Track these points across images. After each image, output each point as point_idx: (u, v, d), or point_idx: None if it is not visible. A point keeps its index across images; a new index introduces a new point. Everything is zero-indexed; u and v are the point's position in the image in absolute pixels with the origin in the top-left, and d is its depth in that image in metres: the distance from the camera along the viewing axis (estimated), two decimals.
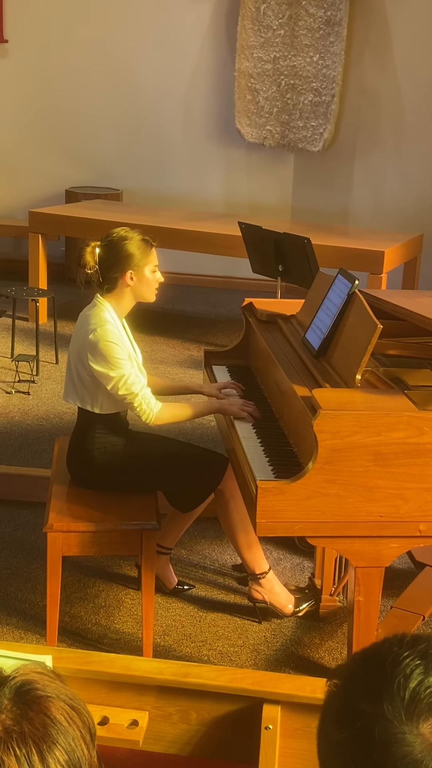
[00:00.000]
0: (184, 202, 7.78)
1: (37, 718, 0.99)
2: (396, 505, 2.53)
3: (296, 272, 5.42)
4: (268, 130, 7.61)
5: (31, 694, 1.01)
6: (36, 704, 1.00)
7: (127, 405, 3.12)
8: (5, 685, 1.01)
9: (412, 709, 0.96)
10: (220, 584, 3.58)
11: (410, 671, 0.99)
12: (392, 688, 0.98)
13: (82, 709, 1.03)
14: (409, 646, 1.02)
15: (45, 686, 1.02)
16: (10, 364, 5.68)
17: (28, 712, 0.99)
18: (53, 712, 1.00)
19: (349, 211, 7.63)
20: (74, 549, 3.04)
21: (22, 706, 0.99)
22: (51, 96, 7.93)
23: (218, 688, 1.68)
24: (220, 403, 3.20)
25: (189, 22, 7.62)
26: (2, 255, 8.01)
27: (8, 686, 1.01)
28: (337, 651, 3.19)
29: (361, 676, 1.02)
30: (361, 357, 2.68)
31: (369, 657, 1.04)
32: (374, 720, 0.97)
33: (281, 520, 2.52)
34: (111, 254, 3.14)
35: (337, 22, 7.18)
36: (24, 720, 0.98)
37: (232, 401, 3.19)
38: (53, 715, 1.00)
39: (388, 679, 0.99)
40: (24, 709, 0.99)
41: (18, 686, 1.01)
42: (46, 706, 1.00)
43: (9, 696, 1.00)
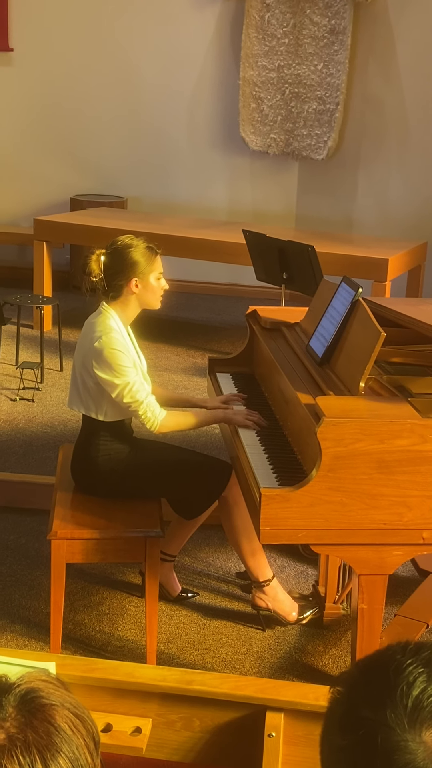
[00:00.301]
0: (188, 210, 7.79)
1: (41, 726, 0.99)
2: (400, 512, 2.53)
3: (300, 280, 5.43)
4: (272, 138, 7.62)
5: (36, 702, 1.01)
6: (40, 712, 1.00)
7: (132, 413, 3.13)
8: (10, 693, 1.01)
9: (415, 716, 0.96)
10: (224, 592, 3.58)
11: (413, 679, 0.99)
12: (395, 695, 0.98)
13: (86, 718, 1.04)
14: (412, 653, 1.02)
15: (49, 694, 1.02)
16: (15, 371, 5.69)
17: (33, 720, 0.99)
18: (57, 720, 1.00)
19: (353, 218, 7.64)
20: (78, 556, 3.05)
21: (27, 714, 1.00)
22: (56, 104, 7.96)
23: (221, 695, 1.68)
24: (224, 412, 3.20)
25: (194, 31, 7.64)
26: (7, 262, 8.04)
27: (13, 694, 1.01)
28: (340, 659, 3.19)
29: (364, 684, 1.02)
30: (364, 365, 2.68)
31: (372, 664, 1.04)
32: (377, 727, 0.97)
33: (285, 527, 2.52)
34: (116, 262, 3.15)
35: (341, 30, 7.20)
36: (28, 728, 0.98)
37: (236, 410, 3.19)
38: (57, 723, 1.00)
39: (391, 686, 0.99)
40: (28, 717, 0.99)
41: (23, 694, 1.01)
42: (51, 714, 1.00)
43: (13, 704, 1.00)
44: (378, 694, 0.99)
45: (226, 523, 3.24)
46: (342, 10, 7.16)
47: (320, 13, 7.23)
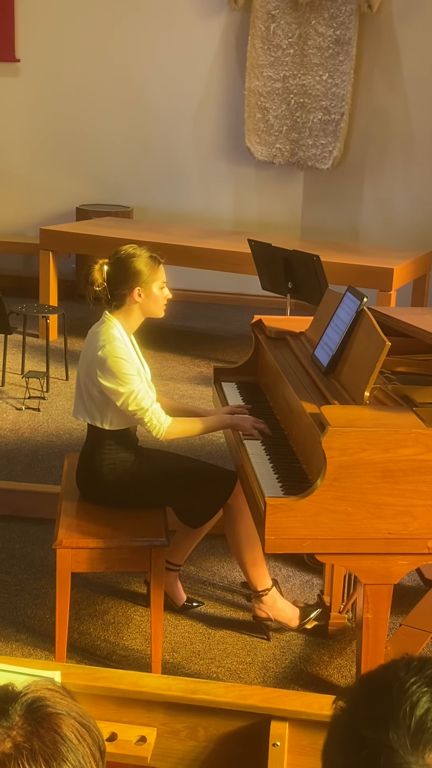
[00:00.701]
0: (194, 220, 7.81)
1: (47, 735, 0.99)
2: (405, 522, 2.53)
3: (306, 289, 5.44)
4: (277, 148, 7.65)
5: (42, 711, 1.01)
6: (47, 721, 1.00)
7: (137, 420, 3.13)
8: (16, 702, 1.01)
9: (418, 738, 0.94)
10: (229, 601, 3.58)
11: (417, 699, 0.97)
12: (398, 716, 0.96)
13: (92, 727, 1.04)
14: (416, 671, 1.00)
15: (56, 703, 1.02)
16: (21, 380, 5.71)
17: (39, 729, 0.99)
18: (63, 729, 1.00)
19: (358, 228, 7.66)
20: (83, 565, 3.05)
21: (33, 723, 1.00)
22: (62, 114, 7.99)
23: (226, 704, 1.68)
24: (231, 418, 3.20)
25: (199, 42, 7.68)
26: (13, 272, 8.06)
27: (19, 703, 1.01)
28: (346, 668, 3.19)
29: (367, 702, 1.00)
30: (369, 374, 2.69)
31: (375, 681, 1.03)
32: (379, 748, 0.95)
33: (290, 536, 2.52)
34: (119, 271, 3.16)
35: (347, 41, 7.23)
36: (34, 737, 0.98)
37: (243, 417, 3.19)
38: (63, 732, 1.00)
39: (394, 706, 0.97)
40: (35, 726, 0.99)
41: (29, 703, 1.02)
42: (57, 723, 1.00)
43: (20, 713, 1.00)
44: (381, 713, 0.97)
45: (230, 532, 3.25)
46: (347, 20, 7.19)
47: (325, 24, 7.26)
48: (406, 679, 0.99)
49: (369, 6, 7.10)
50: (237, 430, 3.18)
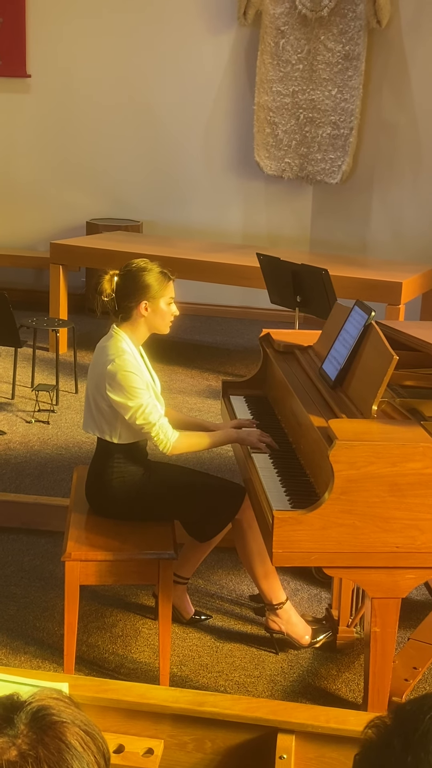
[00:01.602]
0: (203, 234, 7.85)
1: (52, 743, 1.00)
2: (412, 535, 2.53)
3: (314, 303, 5.45)
4: (286, 163, 7.68)
5: (47, 719, 1.02)
6: (51, 729, 1.01)
7: (145, 434, 3.15)
8: (21, 710, 1.02)
9: None
10: (237, 614, 3.58)
11: None
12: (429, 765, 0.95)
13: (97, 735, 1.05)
14: None
15: (60, 712, 1.03)
16: (31, 393, 5.73)
17: (44, 738, 1.00)
18: (68, 737, 1.01)
19: (367, 242, 7.68)
20: (92, 578, 3.06)
21: (38, 731, 1.01)
22: (72, 129, 8.05)
23: (233, 717, 1.69)
24: (237, 432, 3.21)
25: (209, 57, 7.73)
26: (24, 285, 8.10)
27: (24, 711, 1.02)
28: (354, 682, 3.18)
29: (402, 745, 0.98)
30: (377, 388, 2.70)
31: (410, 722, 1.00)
32: None
33: (297, 550, 2.53)
34: (128, 284, 3.17)
35: (356, 56, 7.27)
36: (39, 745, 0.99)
37: (249, 431, 3.20)
38: (68, 740, 1.01)
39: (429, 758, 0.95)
40: (39, 734, 1.00)
41: (34, 711, 1.03)
42: (62, 731, 1.01)
43: (25, 721, 1.01)
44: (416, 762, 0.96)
45: (240, 546, 3.25)
46: (356, 36, 7.23)
47: (334, 39, 7.30)
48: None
49: (378, 21, 7.14)
50: (244, 445, 3.19)
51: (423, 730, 0.98)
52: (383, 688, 2.70)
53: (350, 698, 3.10)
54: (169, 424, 3.12)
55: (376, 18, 7.13)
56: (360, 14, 7.17)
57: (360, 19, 7.18)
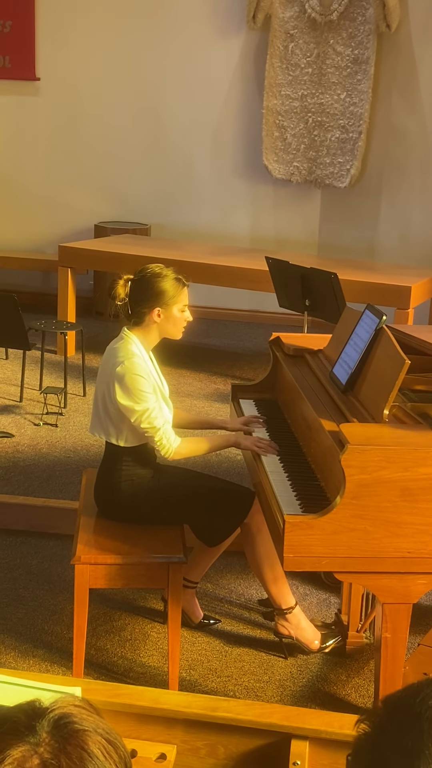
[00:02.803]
0: (211, 237, 7.85)
1: (74, 752, 0.99)
2: (424, 541, 2.52)
3: (323, 307, 5.45)
4: (295, 167, 7.68)
5: (69, 727, 1.01)
6: (74, 738, 1.00)
7: (148, 438, 3.14)
8: (44, 718, 1.01)
9: None
10: (246, 619, 3.57)
11: None
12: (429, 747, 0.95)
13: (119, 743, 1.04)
14: None
15: (82, 720, 1.03)
16: (39, 396, 5.73)
17: (66, 746, 0.99)
18: (90, 746, 1.00)
19: (375, 246, 7.67)
20: (101, 581, 3.05)
21: (60, 740, 1.00)
22: (81, 132, 8.06)
23: (247, 722, 1.68)
24: (235, 436, 3.25)
25: (218, 61, 7.73)
26: (32, 288, 8.10)
27: (46, 719, 1.01)
28: (363, 688, 3.17)
29: (395, 730, 0.99)
30: (389, 392, 2.69)
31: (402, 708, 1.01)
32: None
33: (309, 554, 2.52)
34: (142, 289, 3.17)
35: (365, 60, 7.27)
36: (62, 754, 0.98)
37: (246, 435, 3.22)
38: (90, 749, 1.00)
39: (425, 738, 0.96)
40: (62, 743, 1.00)
41: (56, 719, 1.02)
42: (84, 740, 1.01)
43: (47, 729, 1.01)
44: (410, 743, 0.96)
45: (249, 550, 3.24)
46: (365, 40, 7.22)
47: (343, 43, 7.30)
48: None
49: (387, 26, 7.13)
50: (240, 449, 3.21)
51: (414, 712, 0.98)
52: None
53: (360, 704, 3.09)
54: (172, 430, 3.13)
55: (386, 22, 7.12)
56: (369, 18, 7.16)
57: (369, 23, 7.17)
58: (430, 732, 0.96)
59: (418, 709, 0.99)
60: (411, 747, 0.96)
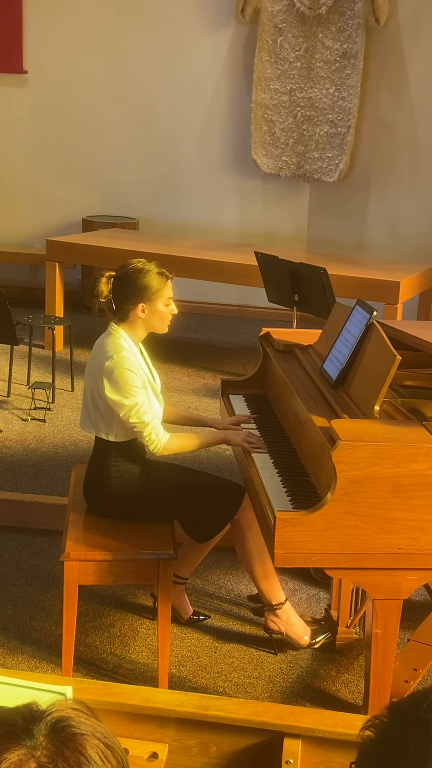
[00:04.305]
0: (200, 232, 7.82)
1: (72, 756, 0.98)
2: (415, 537, 2.52)
3: (312, 302, 5.44)
4: (284, 161, 7.66)
5: (67, 731, 1.00)
6: (71, 742, 0.99)
7: (137, 433, 3.13)
8: (41, 721, 1.00)
9: None
10: (235, 615, 3.56)
11: None
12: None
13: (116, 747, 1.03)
14: None
15: (80, 723, 1.01)
16: (27, 391, 5.70)
17: (64, 750, 0.98)
18: (88, 750, 0.99)
19: (364, 241, 7.66)
20: (91, 578, 3.04)
21: (58, 744, 0.99)
22: (69, 125, 8.02)
23: (239, 721, 1.67)
24: (225, 433, 3.24)
25: (207, 54, 7.70)
26: (19, 283, 8.07)
27: (44, 722, 1.00)
28: (353, 684, 3.17)
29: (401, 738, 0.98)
30: (379, 388, 2.68)
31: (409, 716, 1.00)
32: None
33: (299, 551, 2.51)
34: (125, 286, 3.14)
35: (354, 54, 7.25)
36: (59, 758, 0.97)
37: (235, 431, 3.21)
38: (88, 753, 0.99)
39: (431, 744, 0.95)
40: (59, 747, 0.98)
41: (54, 722, 1.01)
42: (81, 744, 0.99)
43: (44, 732, 0.99)
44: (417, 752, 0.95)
45: (239, 546, 3.23)
46: (354, 34, 7.21)
47: (332, 37, 7.28)
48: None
49: (376, 20, 7.12)
50: (230, 445, 3.20)
51: (422, 719, 0.98)
52: (384, 690, 2.69)
53: (350, 699, 3.09)
54: (161, 426, 3.11)
55: (375, 16, 7.11)
56: (358, 12, 7.15)
57: (358, 17, 7.16)
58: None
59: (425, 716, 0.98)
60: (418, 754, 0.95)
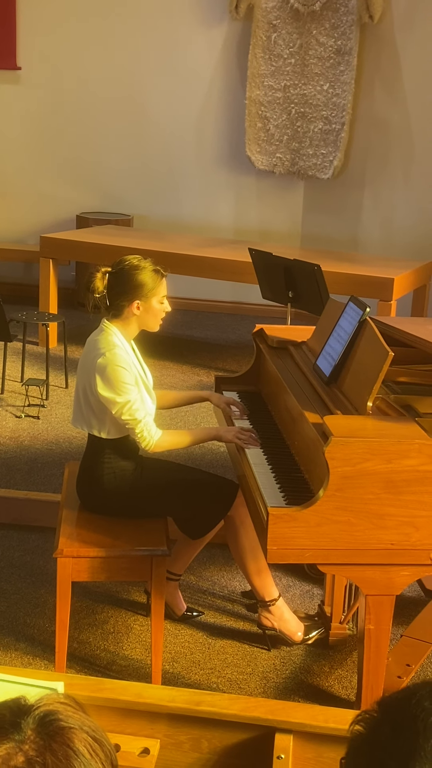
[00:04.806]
0: (194, 228, 7.82)
1: (60, 749, 0.98)
2: (407, 532, 2.52)
3: (306, 299, 5.44)
4: (278, 158, 7.66)
5: (55, 725, 1.01)
6: (59, 735, 1.00)
7: (129, 430, 3.13)
8: (29, 715, 1.01)
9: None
10: (229, 611, 3.57)
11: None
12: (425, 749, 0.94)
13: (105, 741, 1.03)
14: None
15: (68, 717, 1.02)
16: (20, 388, 5.69)
17: (52, 744, 0.98)
18: (76, 743, 0.99)
19: (358, 238, 7.66)
20: (84, 574, 3.04)
21: (46, 738, 0.99)
22: (63, 122, 8.00)
23: (230, 716, 1.67)
24: (216, 429, 3.25)
25: (201, 51, 7.69)
26: (13, 279, 8.05)
27: (32, 716, 1.01)
28: (346, 679, 3.17)
29: (390, 733, 0.98)
30: (372, 384, 2.68)
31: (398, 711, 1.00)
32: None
33: (292, 547, 2.52)
34: (120, 282, 3.14)
35: (348, 51, 7.25)
36: (47, 751, 0.98)
37: (227, 428, 3.22)
38: (76, 747, 0.99)
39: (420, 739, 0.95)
40: (47, 741, 0.99)
41: (41, 716, 1.01)
42: (69, 737, 1.00)
43: (32, 726, 1.00)
44: (406, 746, 0.96)
45: (232, 543, 3.24)
46: (348, 31, 7.20)
47: (326, 34, 7.28)
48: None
49: (370, 16, 7.12)
50: (222, 441, 3.21)
51: (411, 714, 0.98)
52: (377, 686, 2.69)
53: (343, 695, 3.10)
54: (153, 423, 3.11)
55: (369, 13, 7.10)
56: (352, 9, 7.14)
57: (352, 14, 7.16)
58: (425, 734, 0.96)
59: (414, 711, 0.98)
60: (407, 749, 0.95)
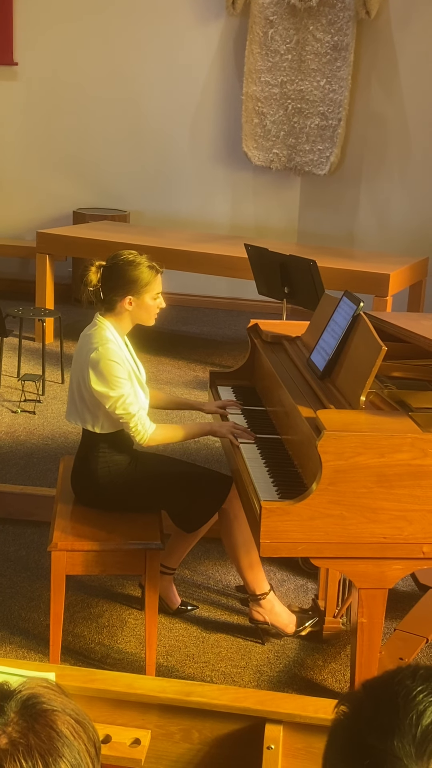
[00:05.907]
0: (190, 224, 7.82)
1: (43, 731, 1.00)
2: (400, 526, 2.53)
3: (302, 294, 5.45)
4: (274, 153, 7.66)
5: (37, 707, 1.02)
6: (42, 717, 1.01)
7: (123, 424, 3.14)
8: (12, 699, 1.02)
9: (424, 748, 0.93)
10: (223, 605, 3.58)
11: (423, 708, 0.96)
12: (404, 724, 0.95)
13: (88, 724, 1.04)
14: (423, 680, 0.99)
15: (51, 700, 1.03)
16: (17, 383, 5.70)
17: (35, 725, 1.00)
18: (59, 725, 1.01)
19: (354, 234, 7.67)
20: (78, 568, 3.05)
21: (29, 719, 1.00)
22: (59, 117, 8.00)
23: (221, 707, 1.68)
24: (210, 424, 3.25)
25: (197, 46, 7.69)
26: (10, 275, 8.06)
27: (14, 699, 1.02)
28: (340, 673, 3.19)
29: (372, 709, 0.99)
30: (365, 379, 2.69)
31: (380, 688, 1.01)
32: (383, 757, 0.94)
33: (285, 540, 2.53)
34: (114, 276, 3.14)
35: (344, 47, 7.25)
36: (30, 733, 0.99)
37: (222, 423, 3.22)
38: (59, 728, 1.01)
39: (400, 715, 0.96)
40: (30, 722, 1.00)
41: (24, 699, 1.02)
42: (52, 719, 1.01)
43: (15, 709, 1.01)
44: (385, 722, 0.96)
45: (226, 536, 3.25)
46: (345, 26, 7.20)
47: (323, 30, 7.28)
48: (413, 688, 0.98)
49: (367, 12, 7.12)
50: (217, 436, 3.21)
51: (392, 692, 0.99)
52: None
53: (336, 689, 3.11)
54: (147, 417, 3.12)
55: (365, 8, 7.11)
56: (349, 5, 7.14)
57: (349, 10, 7.16)
58: (405, 709, 0.96)
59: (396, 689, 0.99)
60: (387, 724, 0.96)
